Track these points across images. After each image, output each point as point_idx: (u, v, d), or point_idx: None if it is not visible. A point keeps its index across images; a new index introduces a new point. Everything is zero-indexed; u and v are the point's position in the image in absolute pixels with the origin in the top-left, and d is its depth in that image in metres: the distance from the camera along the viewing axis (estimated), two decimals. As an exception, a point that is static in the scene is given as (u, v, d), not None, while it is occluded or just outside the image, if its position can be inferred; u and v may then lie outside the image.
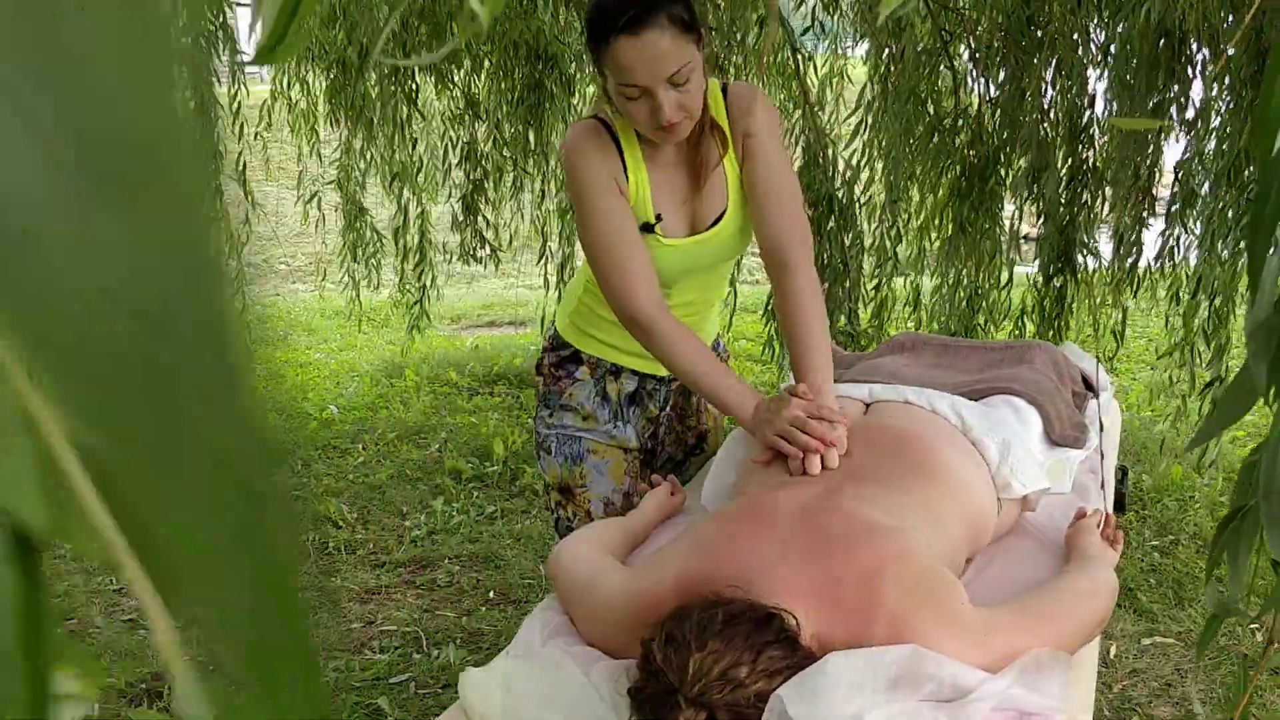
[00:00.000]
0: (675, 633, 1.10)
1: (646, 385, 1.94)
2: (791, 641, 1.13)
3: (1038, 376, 1.97)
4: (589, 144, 1.68)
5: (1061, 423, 1.89)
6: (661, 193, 1.73)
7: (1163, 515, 3.36)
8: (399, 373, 5.41)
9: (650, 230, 1.72)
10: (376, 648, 2.80)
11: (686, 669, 1.06)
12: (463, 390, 5.15)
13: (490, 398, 5.04)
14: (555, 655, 1.33)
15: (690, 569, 1.29)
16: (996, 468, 1.60)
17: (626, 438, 1.93)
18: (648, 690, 1.10)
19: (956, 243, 3.21)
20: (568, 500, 1.92)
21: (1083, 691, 1.31)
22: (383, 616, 2.97)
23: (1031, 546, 1.63)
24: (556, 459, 1.92)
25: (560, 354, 1.93)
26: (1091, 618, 1.33)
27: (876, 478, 1.46)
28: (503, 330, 6.65)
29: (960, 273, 3.29)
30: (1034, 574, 1.52)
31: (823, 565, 1.25)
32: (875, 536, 1.28)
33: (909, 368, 2.07)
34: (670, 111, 1.56)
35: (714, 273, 1.88)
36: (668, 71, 1.53)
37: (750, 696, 1.06)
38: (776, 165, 1.74)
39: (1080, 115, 3.15)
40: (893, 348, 2.22)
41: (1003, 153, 3.28)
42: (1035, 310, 3.21)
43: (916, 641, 1.18)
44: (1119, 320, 3.21)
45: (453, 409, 4.86)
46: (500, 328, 6.75)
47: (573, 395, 1.91)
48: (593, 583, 1.42)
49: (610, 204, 1.67)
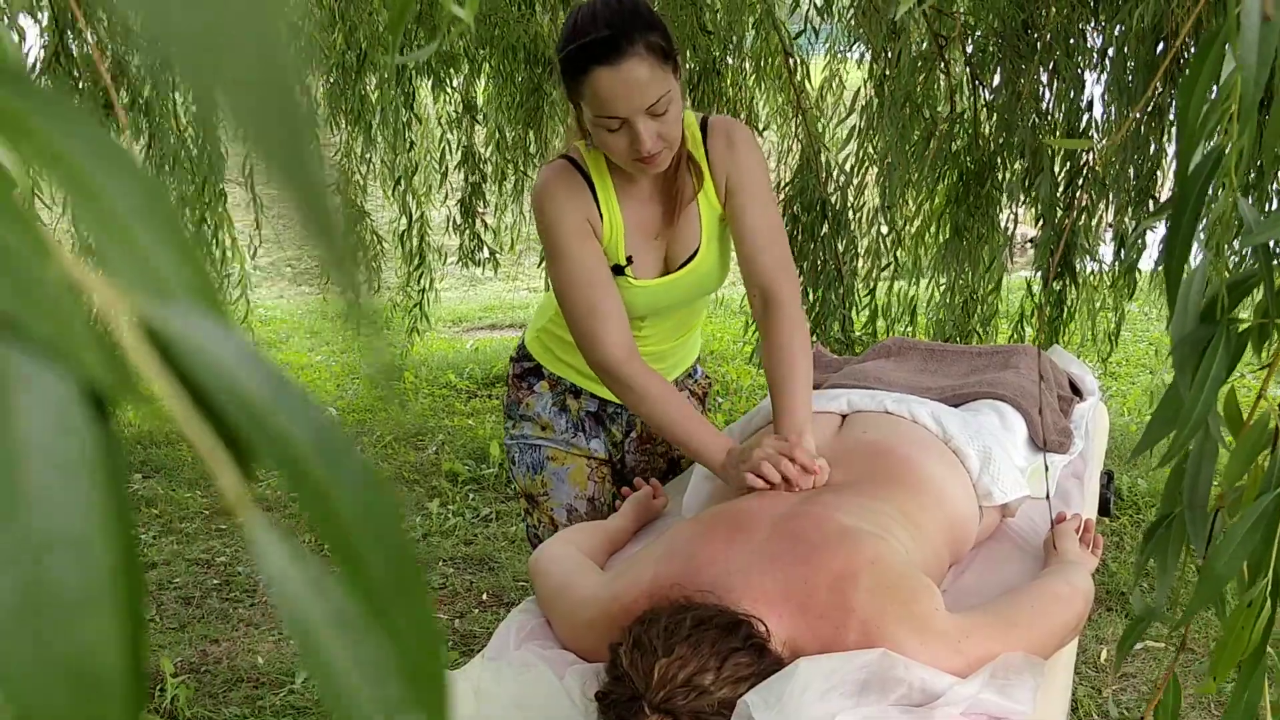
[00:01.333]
0: (643, 637, 1.11)
1: (607, 409, 1.93)
2: (759, 648, 1.13)
3: (1023, 381, 1.97)
4: (559, 187, 1.65)
5: (1046, 427, 1.89)
6: (634, 231, 1.70)
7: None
8: (398, 375, 5.42)
9: (620, 272, 1.69)
10: (369, 650, 2.81)
11: (652, 674, 1.07)
12: (461, 393, 5.16)
13: (488, 400, 5.05)
14: (528, 658, 1.34)
15: (664, 573, 1.29)
16: (978, 476, 1.61)
17: (589, 448, 1.91)
18: (614, 695, 1.10)
19: (954, 247, 3.20)
20: (533, 508, 1.92)
21: (1057, 696, 1.31)
22: (376, 619, 2.98)
23: (1010, 551, 1.63)
24: (520, 469, 1.92)
25: (524, 365, 1.93)
26: (1067, 622, 1.33)
27: (853, 488, 1.46)
28: (503, 333, 6.66)
29: (956, 277, 3.28)
30: (1012, 578, 1.52)
31: (795, 570, 1.25)
32: (848, 541, 1.28)
33: (894, 372, 2.07)
34: (650, 142, 1.53)
35: (689, 308, 1.85)
36: (648, 101, 1.50)
37: (715, 704, 1.06)
38: (762, 202, 1.70)
39: (1078, 119, 3.15)
40: (879, 352, 2.22)
41: (999, 157, 3.28)
42: (1034, 314, 3.21)
43: (888, 646, 1.18)
44: (1115, 323, 3.20)
45: (450, 411, 4.87)
46: (501, 330, 6.76)
47: (529, 405, 1.90)
48: (569, 585, 1.42)
49: (581, 248, 1.64)
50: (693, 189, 1.69)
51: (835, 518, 1.34)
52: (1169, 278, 0.48)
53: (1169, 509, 0.55)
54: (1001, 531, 1.67)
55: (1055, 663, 1.32)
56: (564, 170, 1.67)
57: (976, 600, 1.41)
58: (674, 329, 1.87)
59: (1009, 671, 1.21)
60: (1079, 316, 3.23)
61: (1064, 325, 3.15)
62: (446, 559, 3.35)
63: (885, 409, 1.70)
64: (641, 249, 1.71)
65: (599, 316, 1.63)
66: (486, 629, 2.91)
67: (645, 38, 1.49)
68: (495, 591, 3.13)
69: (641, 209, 1.70)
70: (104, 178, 0.24)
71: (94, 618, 0.20)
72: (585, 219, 1.65)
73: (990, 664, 1.21)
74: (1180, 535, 0.54)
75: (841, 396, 1.75)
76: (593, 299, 1.64)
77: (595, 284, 1.64)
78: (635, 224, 1.70)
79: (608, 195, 1.67)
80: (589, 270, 1.64)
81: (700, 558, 1.30)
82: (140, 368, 0.23)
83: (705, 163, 1.70)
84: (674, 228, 1.72)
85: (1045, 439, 1.86)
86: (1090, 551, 1.56)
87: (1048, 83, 3.25)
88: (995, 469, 1.61)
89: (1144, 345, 5.33)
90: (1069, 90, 3.17)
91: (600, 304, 1.64)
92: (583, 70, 1.50)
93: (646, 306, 1.76)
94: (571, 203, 1.64)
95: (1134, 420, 4.26)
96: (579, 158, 1.68)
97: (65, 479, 0.21)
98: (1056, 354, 2.30)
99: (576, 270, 1.64)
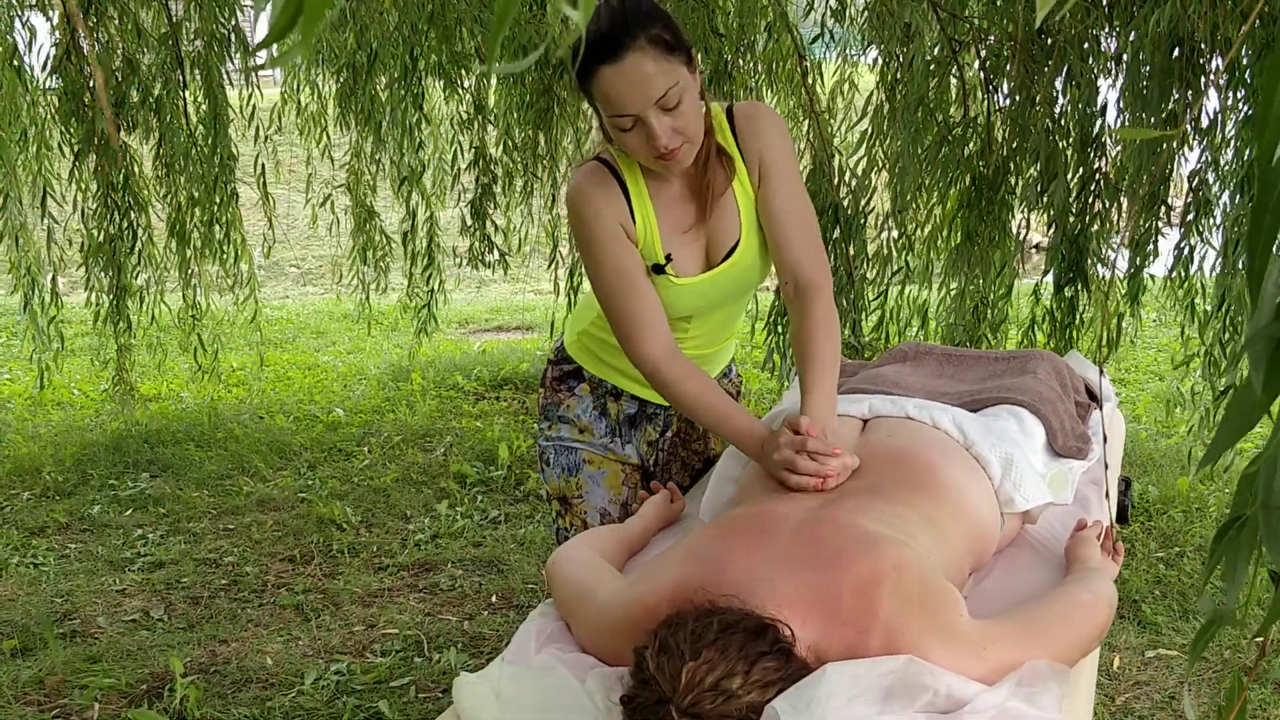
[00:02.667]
0: (669, 641, 1.10)
1: (646, 409, 1.93)
2: (786, 653, 1.12)
3: (1041, 387, 1.96)
4: (593, 190, 1.64)
5: (1065, 433, 1.88)
6: (670, 228, 1.69)
7: (1168, 527, 3.34)
8: (406, 376, 5.42)
9: (661, 271, 1.68)
10: (378, 651, 2.80)
11: (679, 678, 1.06)
12: (468, 395, 5.16)
13: (496, 403, 5.05)
14: (549, 662, 1.33)
15: (687, 577, 1.28)
16: (999, 482, 1.59)
17: (625, 455, 1.92)
18: (640, 698, 1.09)
19: (965, 252, 3.19)
20: (566, 510, 1.92)
21: (1081, 704, 1.30)
22: (385, 620, 2.97)
23: (1031, 558, 1.62)
24: (554, 470, 1.91)
25: (564, 368, 1.93)
26: (1090, 630, 1.32)
27: (876, 492, 1.45)
28: (510, 335, 6.66)
29: (967, 283, 3.27)
30: (1033, 585, 1.51)
31: (819, 575, 1.24)
32: (873, 547, 1.27)
33: (911, 377, 2.06)
34: (665, 137, 1.52)
35: (735, 304, 1.85)
36: (655, 95, 1.49)
37: (743, 708, 1.05)
38: (793, 188, 1.70)
39: (1091, 124, 3.14)
40: (895, 356, 2.21)
41: (1012, 162, 3.27)
42: (1045, 320, 3.20)
43: (912, 653, 1.17)
44: (1127, 329, 3.19)
45: (458, 413, 4.86)
46: (508, 333, 6.76)
47: (570, 408, 1.90)
48: (589, 589, 1.41)
49: (616, 251, 1.64)
50: (724, 181, 1.68)
51: (858, 523, 1.33)
52: (1251, 274, 0.47)
53: (1240, 510, 0.54)
54: (1022, 538, 1.66)
55: (1078, 671, 1.31)
56: (596, 172, 1.66)
57: (998, 607, 1.40)
58: (718, 329, 1.86)
59: (1034, 679, 1.20)
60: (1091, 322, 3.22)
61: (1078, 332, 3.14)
62: (455, 561, 3.34)
63: (907, 414, 1.69)
64: (680, 246, 1.70)
65: (636, 318, 1.64)
66: (496, 631, 2.90)
67: (646, 31, 1.48)
68: (505, 594, 3.13)
69: (676, 206, 1.69)
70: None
71: None
72: (618, 222, 1.64)
73: (1016, 672, 1.20)
74: (1251, 538, 0.53)
75: (863, 401, 1.74)
76: (630, 302, 1.64)
77: (632, 286, 1.64)
78: (670, 221, 1.69)
79: (640, 195, 1.67)
80: (626, 272, 1.64)
81: (723, 561, 1.29)
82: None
83: (735, 151, 1.69)
84: (711, 222, 1.71)
85: (1064, 445, 1.85)
86: (1112, 559, 1.55)
87: (1061, 89, 3.24)
88: (1017, 475, 1.60)
89: (1153, 352, 5.32)
90: (1083, 96, 3.16)
91: (637, 306, 1.64)
92: (589, 71, 1.50)
93: (691, 305, 1.75)
94: (605, 205, 1.64)
95: (1144, 427, 4.25)
96: (611, 159, 1.67)
97: None
98: (1073, 359, 2.29)
99: (612, 273, 1.65)
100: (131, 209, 3.93)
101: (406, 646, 2.82)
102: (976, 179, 3.24)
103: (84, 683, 2.63)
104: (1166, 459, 3.88)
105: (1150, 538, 3.28)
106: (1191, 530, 3.30)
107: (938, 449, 1.60)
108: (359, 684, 2.63)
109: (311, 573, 3.29)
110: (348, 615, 3.01)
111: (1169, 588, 2.97)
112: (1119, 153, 3.19)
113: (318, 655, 2.79)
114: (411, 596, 3.12)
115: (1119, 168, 3.15)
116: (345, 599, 3.10)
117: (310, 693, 2.59)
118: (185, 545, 3.51)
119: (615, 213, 1.64)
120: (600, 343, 1.86)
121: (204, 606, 3.09)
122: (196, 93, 3.95)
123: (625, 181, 1.66)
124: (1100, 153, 3.15)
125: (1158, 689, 2.53)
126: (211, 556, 3.43)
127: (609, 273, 1.65)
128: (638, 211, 1.66)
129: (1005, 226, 3.27)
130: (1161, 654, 2.66)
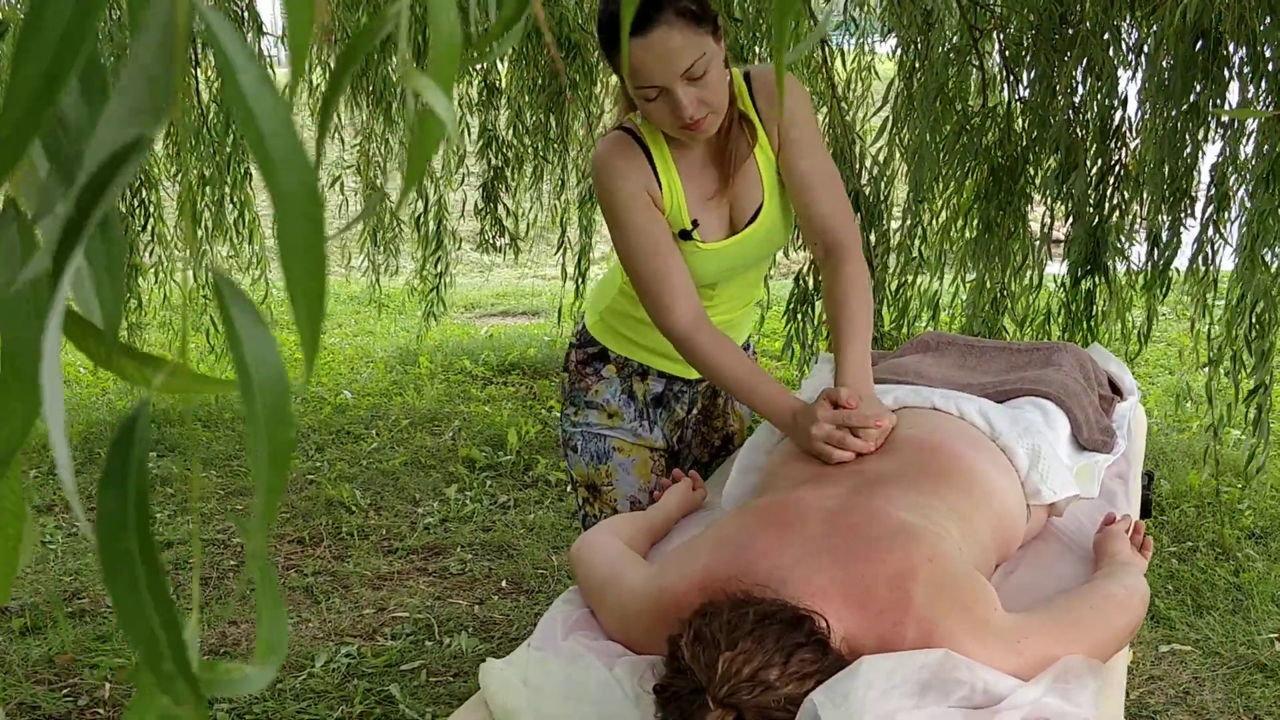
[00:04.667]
0: (705, 631, 1.09)
1: (673, 387, 1.92)
2: (823, 644, 1.11)
3: (1065, 379, 1.94)
4: (618, 158, 1.65)
5: (1090, 426, 1.86)
6: (695, 196, 1.70)
7: (1181, 521, 3.33)
8: (413, 360, 5.40)
9: (688, 237, 1.69)
10: (389, 634, 2.80)
11: (715, 668, 1.05)
12: (476, 379, 5.14)
13: (504, 387, 5.03)
14: (576, 649, 1.31)
15: (716, 567, 1.27)
16: (1026, 474, 1.58)
17: (653, 438, 1.91)
18: (674, 688, 1.08)
19: (984, 243, 3.17)
20: (595, 498, 1.90)
21: (1113, 700, 1.29)
22: (395, 603, 2.96)
23: (1058, 551, 1.61)
24: (582, 457, 1.90)
25: (588, 350, 1.91)
26: (1124, 625, 1.31)
27: (904, 481, 1.43)
28: (517, 320, 6.63)
29: (985, 274, 3.25)
30: (1060, 579, 1.49)
31: (852, 567, 1.22)
32: (906, 538, 1.26)
33: (933, 368, 2.04)
34: (691, 108, 1.52)
35: (757, 269, 1.86)
36: (682, 67, 1.49)
37: (780, 699, 1.04)
38: (815, 148, 1.71)
39: (1111, 116, 3.11)
40: (917, 347, 2.19)
41: (1032, 152, 3.25)
42: (1062, 312, 3.18)
43: (947, 646, 1.16)
44: (1144, 323, 3.17)
45: (466, 398, 4.85)
46: (514, 317, 6.74)
47: (598, 392, 1.89)
48: (615, 577, 1.40)
49: (643, 219, 1.65)
50: (747, 147, 1.69)
51: (891, 512, 1.31)
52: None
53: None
54: (1049, 532, 1.65)
55: (1111, 666, 1.30)
56: (621, 141, 1.66)
57: (1029, 600, 1.38)
58: (741, 294, 1.87)
59: (1071, 675, 1.18)
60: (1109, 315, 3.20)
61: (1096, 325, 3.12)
62: (465, 545, 3.33)
63: (933, 405, 1.67)
64: (705, 212, 1.71)
65: (665, 285, 1.64)
66: (506, 616, 2.90)
67: (674, 3, 1.48)
68: (514, 579, 3.12)
69: (700, 173, 1.70)
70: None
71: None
72: (644, 189, 1.65)
73: (1052, 668, 1.19)
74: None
75: (888, 393, 1.72)
76: (657, 267, 1.64)
77: (659, 253, 1.64)
78: (695, 188, 1.70)
79: (665, 162, 1.67)
80: (653, 240, 1.65)
81: (752, 550, 1.27)
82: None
83: (755, 116, 1.69)
84: (734, 187, 1.72)
85: (1089, 438, 1.83)
86: (1140, 553, 1.53)
87: (1081, 79, 3.21)
88: (1044, 467, 1.59)
89: (1163, 345, 5.29)
90: (1102, 86, 3.13)
91: (665, 272, 1.64)
92: (615, 42, 1.50)
93: (717, 271, 1.75)
94: (631, 173, 1.64)
95: (1155, 421, 4.23)
96: (635, 128, 1.68)
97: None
98: (1096, 352, 2.27)
99: (640, 240, 1.65)
100: (143, 187, 3.90)
101: (417, 630, 2.81)
102: (995, 169, 3.22)
103: (94, 662, 2.62)
104: (1178, 453, 3.86)
105: (1163, 532, 3.26)
106: (1204, 525, 3.29)
107: (964, 439, 1.58)
108: (369, 667, 2.63)
109: (321, 555, 3.28)
110: (357, 598, 3.00)
111: (1182, 583, 2.96)
112: (1138, 145, 3.17)
113: (328, 638, 2.78)
114: (421, 580, 3.11)
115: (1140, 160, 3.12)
116: (355, 582, 3.09)
117: (321, 675, 2.59)
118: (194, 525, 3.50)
119: (642, 180, 1.65)
120: (624, 318, 1.86)
121: (213, 587, 3.08)
122: (209, 70, 3.92)
123: (650, 150, 1.67)
124: (1120, 144, 3.13)
125: (1171, 684, 2.52)
126: (220, 537, 3.42)
127: (637, 240, 1.65)
128: (663, 179, 1.67)
129: (1024, 218, 3.25)
130: (1175, 649, 2.65)
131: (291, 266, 0.36)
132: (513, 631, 2.82)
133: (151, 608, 0.39)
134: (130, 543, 0.39)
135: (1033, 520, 1.60)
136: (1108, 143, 3.11)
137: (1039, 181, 3.19)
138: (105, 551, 0.39)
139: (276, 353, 0.39)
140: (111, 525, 0.39)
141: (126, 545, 0.39)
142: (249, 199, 4.18)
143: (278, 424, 0.38)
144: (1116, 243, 3.06)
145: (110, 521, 0.39)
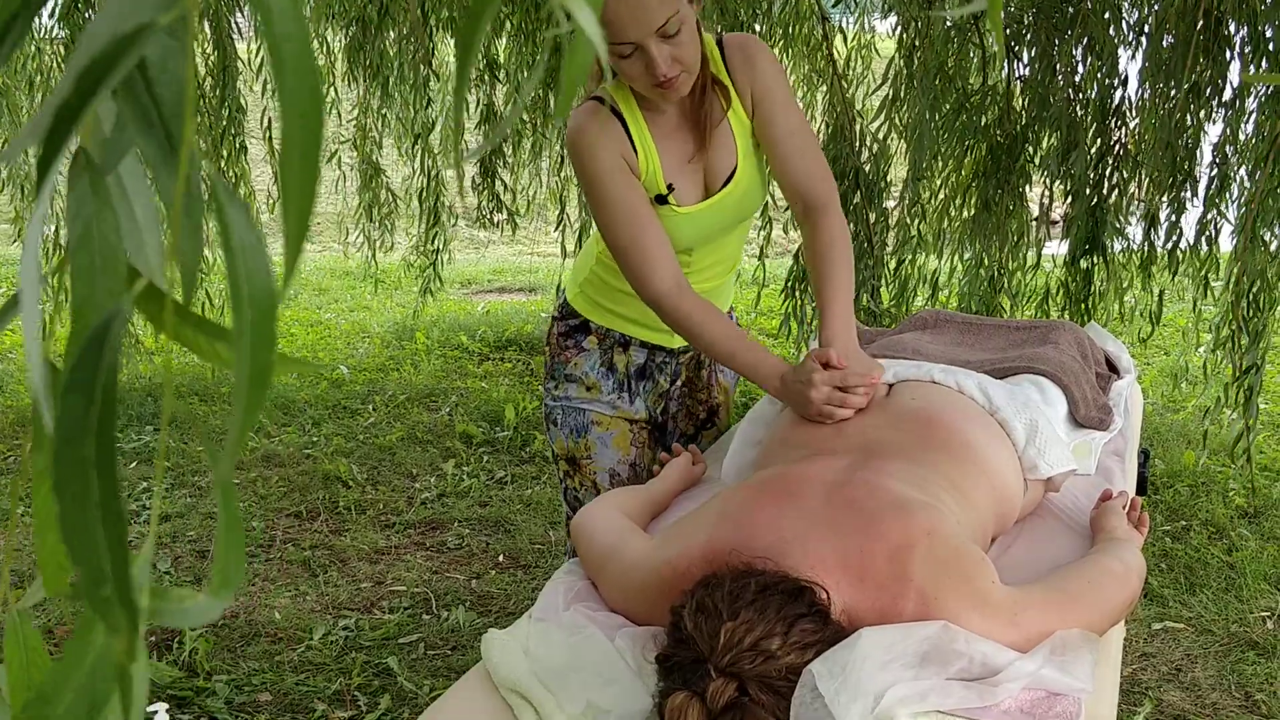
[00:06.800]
0: (707, 601, 1.09)
1: (655, 358, 1.93)
2: (823, 615, 1.12)
3: (1063, 357, 1.95)
4: (592, 126, 1.65)
5: (1087, 404, 1.87)
6: (670, 160, 1.71)
7: (1174, 501, 3.35)
8: (409, 335, 5.40)
9: (664, 201, 1.71)
10: (386, 608, 2.81)
11: (718, 638, 1.05)
12: (473, 355, 5.14)
13: (501, 364, 5.03)
14: (578, 620, 1.32)
15: (718, 539, 1.28)
16: (1023, 448, 1.59)
17: (633, 410, 1.92)
18: (676, 658, 1.09)
19: (982, 221, 3.17)
20: (575, 471, 1.91)
21: (1109, 673, 1.30)
22: (392, 577, 2.97)
23: (1055, 527, 1.62)
24: (562, 430, 1.91)
25: (569, 323, 1.92)
26: (1121, 599, 1.32)
27: (902, 455, 1.44)
28: (514, 296, 6.63)
29: (982, 253, 3.25)
30: (1057, 554, 1.51)
31: (852, 539, 1.23)
32: (905, 512, 1.27)
33: (932, 345, 2.05)
34: (665, 65, 1.54)
35: (732, 233, 1.87)
36: (655, 23, 1.50)
37: (782, 669, 1.05)
38: (789, 109, 1.73)
39: (1111, 95, 3.11)
40: (915, 324, 2.20)
41: (1031, 131, 3.24)
42: (1060, 292, 3.18)
43: (945, 618, 1.17)
44: (1152, 302, 3.18)
45: (463, 373, 4.85)
46: (511, 294, 6.73)
47: (577, 365, 1.89)
48: (617, 549, 1.41)
49: (620, 186, 1.65)
50: (720, 110, 1.71)
51: (890, 485, 1.32)
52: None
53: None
54: (1045, 507, 1.66)
55: (1106, 640, 1.31)
56: (594, 110, 1.67)
57: (1025, 574, 1.39)
58: (720, 261, 1.88)
59: (1068, 648, 1.20)
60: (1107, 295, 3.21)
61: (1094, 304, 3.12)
62: (462, 520, 3.34)
63: (932, 379, 1.68)
64: (680, 176, 1.72)
65: (645, 252, 1.65)
66: (504, 590, 2.91)
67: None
68: (511, 554, 3.13)
69: (674, 136, 1.71)
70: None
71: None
72: (620, 155, 1.66)
73: (1049, 640, 1.20)
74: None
75: (888, 368, 1.73)
76: (636, 236, 1.65)
77: (637, 220, 1.65)
78: (670, 152, 1.71)
79: (639, 128, 1.68)
80: (632, 206, 1.65)
81: (754, 523, 1.28)
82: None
83: (728, 80, 1.71)
84: (708, 150, 1.73)
85: (1086, 415, 1.84)
86: (1137, 529, 1.54)
87: (1082, 57, 3.21)
88: (1042, 441, 1.59)
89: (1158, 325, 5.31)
90: (1103, 65, 3.13)
91: (644, 239, 1.65)
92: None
93: (693, 236, 1.76)
94: (606, 141, 1.65)
95: (1150, 401, 4.25)
96: (607, 95, 1.68)
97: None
98: (1093, 331, 2.28)
99: (618, 208, 1.65)
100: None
101: (414, 604, 2.83)
102: (994, 148, 3.21)
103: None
104: (1173, 433, 3.88)
105: (1157, 511, 3.28)
106: (1198, 504, 3.31)
107: (963, 413, 1.59)
108: (367, 640, 2.64)
109: (318, 529, 3.29)
110: (355, 572, 3.01)
111: (1175, 560, 2.98)
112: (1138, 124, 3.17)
113: (325, 611, 2.79)
114: (419, 554, 3.12)
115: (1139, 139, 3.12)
116: (352, 556, 3.10)
117: (319, 648, 2.60)
118: (191, 499, 3.51)
119: (617, 147, 1.66)
120: (604, 288, 1.87)
121: (210, 560, 3.08)
122: (205, 44, 3.90)
123: (624, 116, 1.67)
124: (1121, 123, 3.13)
125: (1164, 661, 2.54)
126: (217, 510, 3.42)
127: (615, 207, 1.66)
128: (639, 144, 1.68)
129: (1022, 196, 3.25)
130: (1168, 626, 2.67)
131: (287, 162, 0.35)
132: (510, 605, 2.83)
133: (98, 522, 0.36)
134: (88, 449, 0.36)
135: (1030, 494, 1.61)
136: (1108, 122, 3.11)
137: (1038, 160, 3.19)
138: (59, 458, 0.36)
139: (268, 267, 0.37)
140: (71, 429, 0.36)
141: (84, 452, 0.36)
142: (245, 172, 4.16)
143: (260, 342, 0.36)
144: (1115, 222, 3.06)
145: (70, 425, 0.36)
